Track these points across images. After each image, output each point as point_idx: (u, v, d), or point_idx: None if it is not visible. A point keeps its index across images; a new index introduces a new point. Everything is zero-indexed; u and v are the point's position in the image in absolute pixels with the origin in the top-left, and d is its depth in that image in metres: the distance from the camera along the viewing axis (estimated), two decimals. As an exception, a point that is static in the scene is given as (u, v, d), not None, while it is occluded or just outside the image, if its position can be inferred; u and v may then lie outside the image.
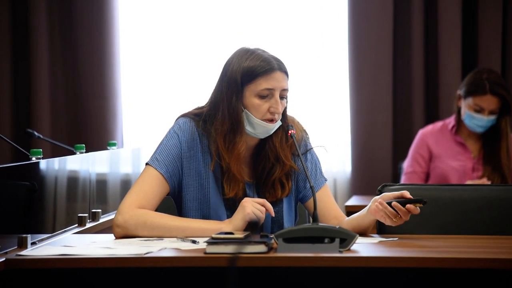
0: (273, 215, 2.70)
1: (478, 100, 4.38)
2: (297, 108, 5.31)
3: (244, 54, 2.79)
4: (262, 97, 2.76)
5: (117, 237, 2.70)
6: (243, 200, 2.68)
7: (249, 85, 2.76)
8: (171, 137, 2.82)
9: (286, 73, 2.78)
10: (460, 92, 4.46)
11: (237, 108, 2.76)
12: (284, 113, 2.82)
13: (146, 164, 2.80)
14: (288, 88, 2.78)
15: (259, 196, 2.82)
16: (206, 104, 2.85)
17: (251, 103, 2.76)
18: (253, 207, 2.65)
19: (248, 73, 2.75)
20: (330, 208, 2.86)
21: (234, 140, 2.78)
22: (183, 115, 2.86)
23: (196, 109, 2.87)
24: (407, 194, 2.64)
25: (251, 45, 2.82)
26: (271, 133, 2.79)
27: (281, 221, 2.84)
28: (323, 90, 5.56)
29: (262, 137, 2.80)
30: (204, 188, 2.81)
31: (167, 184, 2.79)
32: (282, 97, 2.78)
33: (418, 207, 2.61)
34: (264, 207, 2.66)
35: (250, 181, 2.83)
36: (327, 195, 2.89)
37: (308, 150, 2.90)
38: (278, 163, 2.82)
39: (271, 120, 2.76)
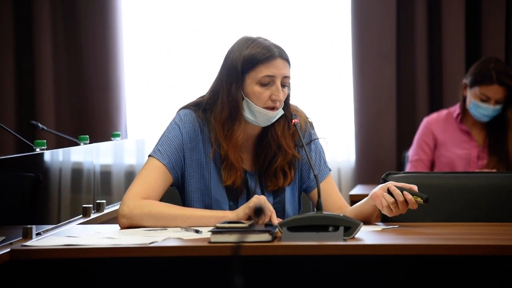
0: (276, 223, 2.55)
1: (485, 90, 4.37)
2: (301, 97, 5.32)
3: (245, 42, 2.77)
4: (263, 84, 2.74)
5: (122, 227, 2.70)
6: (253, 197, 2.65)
7: (250, 73, 2.75)
8: (173, 129, 2.82)
9: (287, 60, 2.77)
10: (466, 81, 4.44)
11: (236, 96, 2.75)
12: (286, 102, 2.80)
13: (149, 156, 2.80)
14: (290, 76, 2.77)
15: (261, 186, 2.81)
16: (206, 93, 2.85)
17: (252, 91, 2.75)
18: (258, 198, 2.62)
19: (248, 61, 2.74)
20: (334, 199, 2.85)
21: (232, 127, 2.77)
22: (184, 107, 2.86)
23: (197, 98, 2.87)
24: (415, 188, 2.62)
25: (253, 34, 2.82)
26: (273, 121, 2.78)
27: (283, 210, 2.83)
28: (326, 80, 5.55)
29: (264, 125, 2.79)
30: (206, 179, 2.80)
31: (170, 175, 2.78)
32: (284, 85, 2.76)
33: (417, 202, 2.60)
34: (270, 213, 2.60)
35: (252, 171, 2.83)
36: (331, 186, 2.87)
37: (312, 140, 2.89)
38: (280, 151, 2.81)
39: (273, 108, 2.75)
